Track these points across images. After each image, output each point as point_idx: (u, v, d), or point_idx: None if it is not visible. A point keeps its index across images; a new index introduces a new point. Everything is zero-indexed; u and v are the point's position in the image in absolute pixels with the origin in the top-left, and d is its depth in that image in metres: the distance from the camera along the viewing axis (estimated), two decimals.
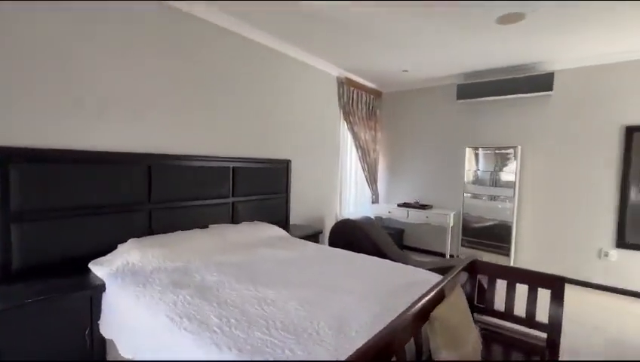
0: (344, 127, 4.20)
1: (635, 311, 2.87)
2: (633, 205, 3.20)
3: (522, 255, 3.79)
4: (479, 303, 1.76)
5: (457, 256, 4.15)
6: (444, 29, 2.76)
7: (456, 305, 1.27)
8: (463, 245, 4.05)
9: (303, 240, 2.65)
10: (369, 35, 2.93)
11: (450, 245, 4.17)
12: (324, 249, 2.46)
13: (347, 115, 4.11)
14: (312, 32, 2.91)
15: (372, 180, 4.61)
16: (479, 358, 1.27)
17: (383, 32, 2.87)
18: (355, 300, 1.47)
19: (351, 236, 3.02)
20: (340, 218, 4.13)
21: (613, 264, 3.29)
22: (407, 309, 1.10)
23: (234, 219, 2.82)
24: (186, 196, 2.43)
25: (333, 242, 3.12)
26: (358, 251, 2.49)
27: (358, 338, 1.13)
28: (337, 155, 4.20)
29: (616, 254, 3.29)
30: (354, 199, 4.53)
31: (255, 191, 3.02)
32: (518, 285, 1.65)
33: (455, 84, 4.10)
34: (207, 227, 2.51)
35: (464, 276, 1.71)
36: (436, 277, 1.80)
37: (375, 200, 4.71)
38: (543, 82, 3.49)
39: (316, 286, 1.62)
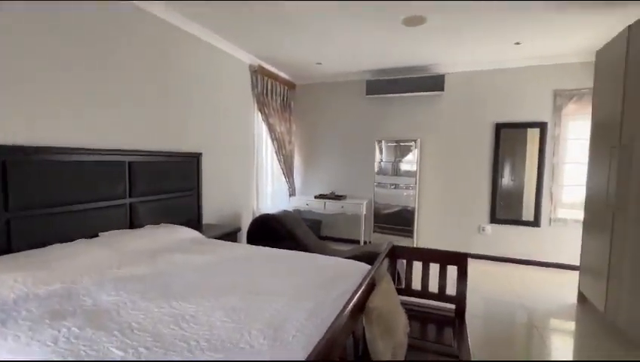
0: (259, 118, 4.01)
1: (505, 271, 3.56)
2: (501, 188, 3.94)
3: (423, 235, 4.29)
4: (398, 286, 1.89)
5: (370, 242, 4.45)
6: (356, 26, 2.85)
7: (388, 291, 1.31)
8: (375, 231, 4.36)
9: (219, 241, 2.41)
10: (283, 23, 2.83)
11: (365, 232, 4.45)
12: (244, 248, 2.29)
13: (262, 106, 3.93)
14: (222, 13, 2.64)
15: (289, 173, 4.56)
16: (406, 340, 1.33)
17: (298, 23, 2.80)
18: (286, 300, 1.38)
19: (271, 232, 2.91)
20: (257, 213, 3.96)
21: (489, 236, 4.01)
22: (344, 306, 1.06)
23: (133, 224, 2.40)
24: (65, 199, 1.93)
25: (253, 240, 2.96)
26: (280, 247, 2.40)
27: (296, 342, 1.05)
28: (253, 147, 4.00)
29: (490, 228, 4.00)
30: (271, 193, 4.41)
31: (159, 189, 2.62)
32: (431, 264, 1.81)
33: (365, 80, 4.33)
34: (96, 236, 2.06)
35: (386, 262, 1.79)
36: (358, 266, 1.84)
37: (292, 193, 4.68)
38: (436, 83, 3.96)
39: (241, 291, 1.47)
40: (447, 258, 1.77)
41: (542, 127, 3.73)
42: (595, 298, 2.52)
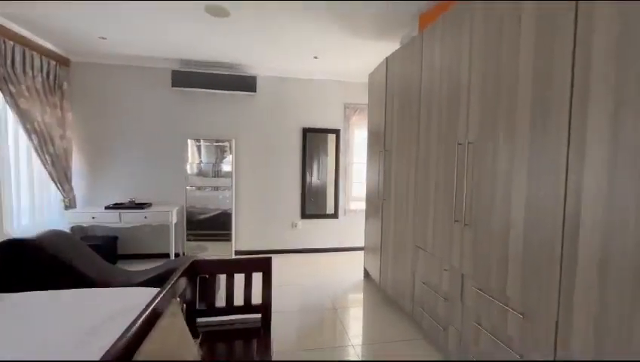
0: None
1: (314, 261, 3.96)
2: (310, 186, 4.38)
3: (242, 237, 4.20)
4: (202, 306, 1.65)
5: (184, 254, 3.96)
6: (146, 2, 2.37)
7: (171, 326, 1.04)
8: (189, 240, 3.91)
9: None
10: None
11: (176, 243, 3.91)
12: None
13: (4, 82, 2.71)
14: None
15: (62, 178, 3.40)
16: None
17: None
18: None
19: (26, 265, 2.01)
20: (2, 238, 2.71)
21: (300, 231, 4.37)
22: None
23: None
24: None
25: None
26: (43, 284, 1.67)
27: None
28: None
29: (301, 224, 4.37)
30: (30, 207, 3.15)
31: None
32: (236, 275, 1.67)
33: (170, 69, 3.78)
34: None
35: (183, 282, 1.51)
36: (150, 293, 1.48)
37: (70, 205, 3.53)
38: (248, 83, 3.93)
39: None
40: (252, 266, 1.68)
41: (337, 133, 4.39)
42: (373, 272, 3.13)
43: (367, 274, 3.45)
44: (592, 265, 1.06)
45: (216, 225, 3.98)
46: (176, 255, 3.94)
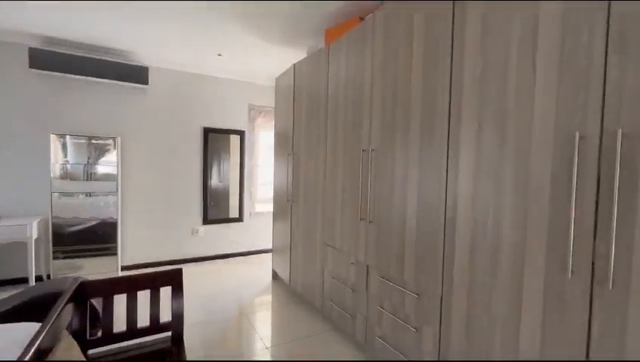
0: None
1: (218, 268, 3.76)
2: (211, 189, 4.13)
3: (130, 250, 3.66)
4: (94, 335, 1.39)
5: (50, 277, 3.20)
6: None
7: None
8: (56, 258, 3.18)
9: None
10: None
11: (37, 263, 3.13)
12: None
13: None
14: None
15: None
16: None
17: None
18: None
19: None
20: None
21: (202, 238, 4.08)
22: None
23: None
24: None
25: None
26: None
27: None
28: None
29: (203, 230, 4.09)
30: None
31: None
32: (139, 293, 1.47)
33: (26, 46, 3.01)
34: None
35: (68, 311, 1.25)
36: (20, 331, 1.17)
37: None
38: (138, 74, 3.47)
39: None
40: (158, 280, 1.51)
41: (241, 134, 4.27)
42: (283, 272, 3.19)
43: (275, 276, 3.49)
44: (465, 251, 1.37)
45: (95, 238, 3.36)
46: (39, 278, 3.16)
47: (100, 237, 3.37)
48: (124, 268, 3.58)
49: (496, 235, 1.24)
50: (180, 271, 1.57)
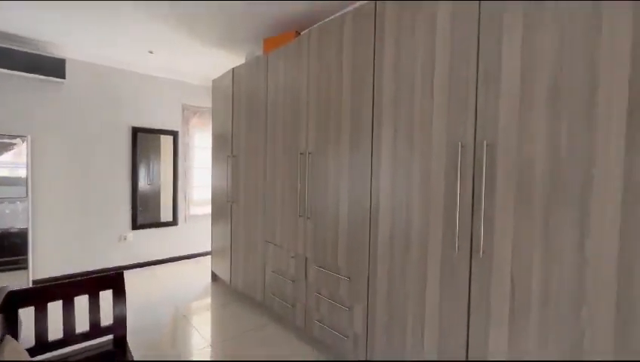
0: None
1: (152, 275, 3.60)
2: (141, 193, 3.92)
3: (45, 262, 3.28)
4: (26, 347, 1.33)
5: None
6: None
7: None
8: None
9: None
10: None
11: None
12: None
13: None
14: None
15: None
16: None
17: None
18: None
19: None
20: None
21: (131, 244, 3.85)
22: None
23: None
24: None
25: None
26: None
27: None
28: None
29: (132, 236, 3.85)
30: None
31: None
32: (77, 298, 1.44)
33: None
34: None
35: None
36: None
37: None
38: (53, 66, 3.14)
39: None
40: (98, 284, 1.49)
41: (174, 135, 4.13)
42: (223, 273, 3.22)
43: (215, 278, 3.49)
44: (386, 238, 1.66)
45: (1, 251, 2.96)
46: None
47: (6, 250, 2.97)
48: (36, 283, 3.20)
49: (408, 223, 1.56)
50: (120, 274, 1.57)
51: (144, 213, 3.95)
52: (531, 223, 1.17)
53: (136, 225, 3.88)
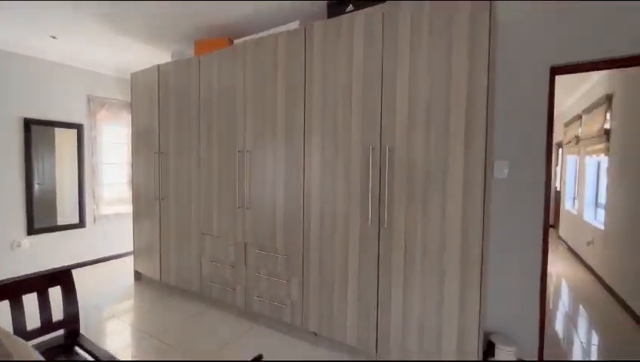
0: None
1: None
2: (39, 193, 3.48)
3: None
4: None
5: None
6: None
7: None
8: None
9: None
10: None
11: None
12: None
13: None
14: None
15: None
16: None
17: None
18: None
19: None
20: None
21: (28, 251, 3.40)
22: None
23: None
24: None
25: None
26: None
27: None
28: None
29: (29, 242, 3.41)
30: None
31: None
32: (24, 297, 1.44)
33: None
34: None
35: None
36: None
37: None
38: None
39: None
40: (46, 281, 1.51)
41: (79, 128, 3.76)
42: (150, 271, 3.19)
43: (139, 277, 3.40)
44: (317, 222, 2.08)
45: None
46: None
47: None
48: None
49: (334, 207, 2.01)
50: (67, 271, 1.61)
51: (43, 216, 3.52)
52: (415, 202, 1.74)
53: (33, 230, 3.44)
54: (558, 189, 6.95)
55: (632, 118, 3.03)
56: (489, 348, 1.93)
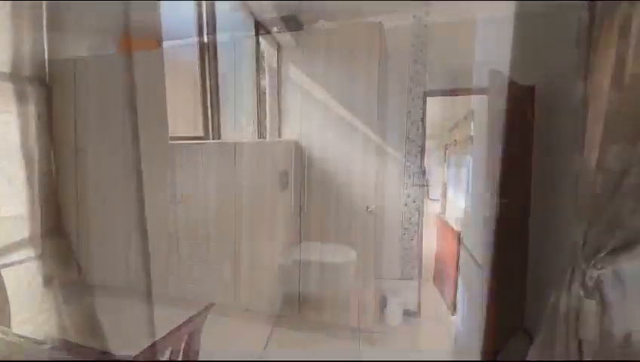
0: None
1: None
2: None
3: None
4: None
5: None
6: None
7: None
8: None
9: None
10: None
11: None
12: None
13: None
14: None
15: None
16: None
17: None
18: None
19: None
20: None
21: None
22: None
23: None
24: None
25: None
26: None
27: None
28: None
29: None
30: None
31: None
32: None
33: None
34: None
35: None
36: None
37: None
38: None
39: None
40: None
41: None
42: None
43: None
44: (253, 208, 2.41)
45: None
46: None
47: None
48: None
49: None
50: None
51: None
52: (327, 194, 2.22)
53: None
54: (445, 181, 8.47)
55: (483, 129, 4.12)
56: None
